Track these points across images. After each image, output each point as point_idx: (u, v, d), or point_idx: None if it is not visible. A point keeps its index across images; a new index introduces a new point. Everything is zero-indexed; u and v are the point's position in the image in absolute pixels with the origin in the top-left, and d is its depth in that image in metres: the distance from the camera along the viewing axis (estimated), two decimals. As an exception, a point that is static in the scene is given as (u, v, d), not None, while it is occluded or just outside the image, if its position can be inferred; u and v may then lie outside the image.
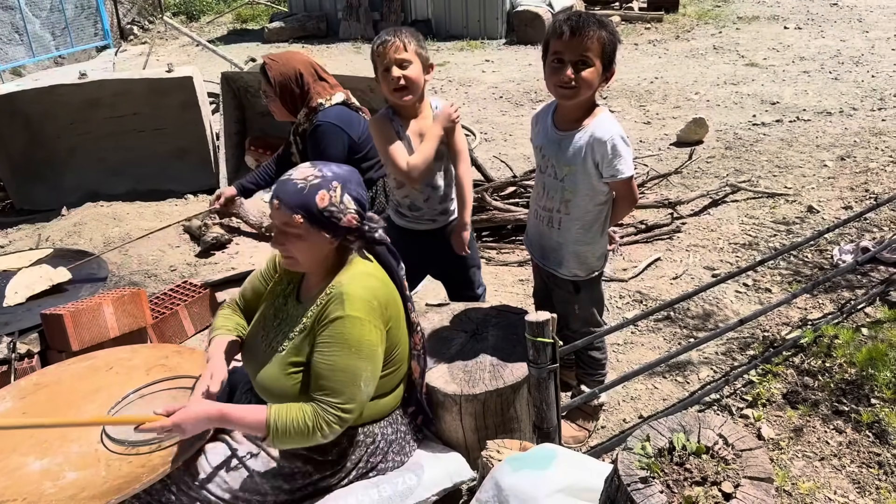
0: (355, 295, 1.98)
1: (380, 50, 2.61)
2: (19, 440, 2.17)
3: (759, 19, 11.83)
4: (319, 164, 2.04)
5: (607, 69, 2.32)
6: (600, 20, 2.28)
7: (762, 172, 5.42)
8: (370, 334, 1.99)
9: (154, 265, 4.30)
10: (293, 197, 1.95)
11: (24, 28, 12.25)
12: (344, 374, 1.96)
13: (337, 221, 1.99)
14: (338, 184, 1.99)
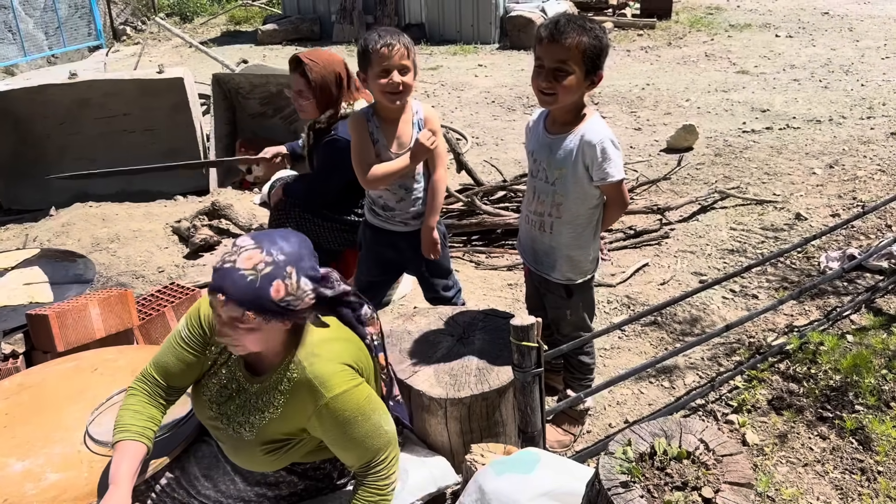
0: (325, 373, 1.84)
1: (383, 52, 2.57)
2: (1, 441, 2.16)
3: (751, 27, 11.90)
4: (266, 244, 1.76)
5: (592, 74, 2.32)
6: (583, 25, 2.26)
7: (751, 179, 5.45)
8: (361, 394, 1.88)
9: (142, 266, 4.29)
10: (243, 292, 1.70)
11: (17, 27, 12.20)
12: (368, 439, 1.88)
13: (294, 309, 1.79)
14: (292, 268, 1.76)
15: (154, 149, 5.75)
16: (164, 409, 2.00)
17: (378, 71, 2.61)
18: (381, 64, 2.59)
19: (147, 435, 1.90)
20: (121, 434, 1.88)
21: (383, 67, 2.59)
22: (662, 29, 12.18)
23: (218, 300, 1.71)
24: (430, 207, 2.83)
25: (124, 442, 1.87)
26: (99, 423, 2.18)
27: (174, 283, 3.54)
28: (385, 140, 2.74)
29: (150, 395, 1.98)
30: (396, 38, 2.60)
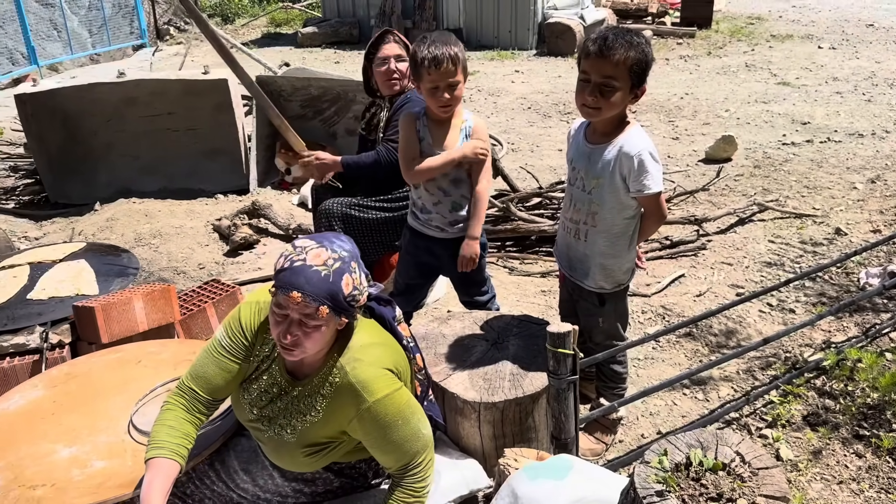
0: (368, 378, 1.88)
1: (431, 71, 2.61)
2: (49, 427, 2.24)
3: (793, 38, 11.75)
4: (326, 242, 1.83)
5: (636, 87, 2.34)
6: (630, 41, 2.27)
7: (790, 192, 5.39)
8: (402, 398, 1.92)
9: (183, 262, 4.38)
10: (320, 287, 1.74)
11: (64, 25, 12.51)
12: (406, 443, 1.92)
13: (355, 305, 1.85)
14: (355, 263, 1.85)
15: (196, 148, 5.87)
16: (201, 422, 2.00)
17: (429, 87, 2.67)
18: (430, 81, 2.65)
19: (181, 453, 1.90)
20: (155, 451, 1.87)
21: (433, 84, 2.65)
22: (702, 38, 12.08)
23: (292, 299, 1.73)
24: (473, 218, 2.84)
25: (157, 459, 1.86)
26: (143, 414, 2.24)
27: (214, 280, 3.62)
28: (430, 140, 2.78)
29: (187, 410, 1.97)
30: (445, 50, 2.61)
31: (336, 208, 3.40)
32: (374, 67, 3.36)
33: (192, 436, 1.96)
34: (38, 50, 11.81)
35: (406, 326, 2.16)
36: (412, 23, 13.18)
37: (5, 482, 2.01)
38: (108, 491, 1.96)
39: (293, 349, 1.82)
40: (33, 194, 5.98)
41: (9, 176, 6.38)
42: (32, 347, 3.16)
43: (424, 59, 2.60)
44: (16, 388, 2.50)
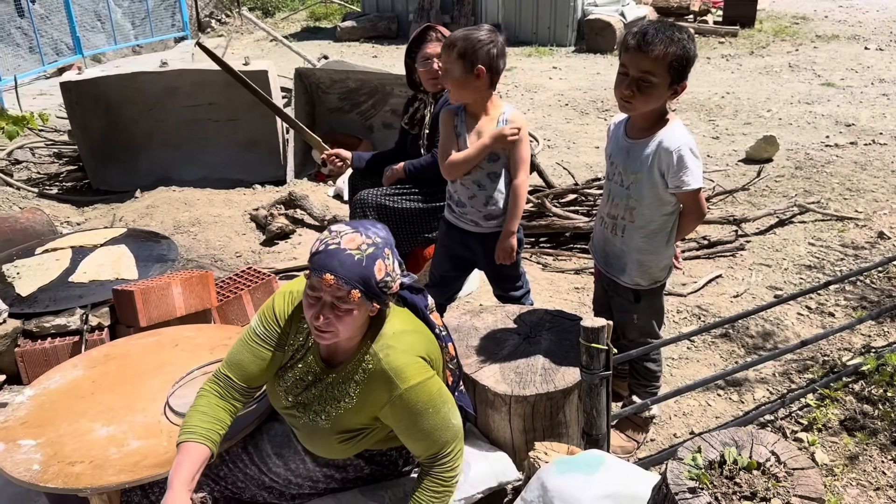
0: (400, 365, 1.89)
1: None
2: (88, 406, 2.29)
3: (839, 38, 11.50)
4: (362, 229, 1.86)
5: (676, 84, 2.31)
6: (671, 36, 2.24)
7: (832, 195, 5.28)
8: (433, 386, 1.93)
9: (220, 250, 4.45)
10: (353, 270, 1.77)
11: (108, 16, 12.74)
12: (437, 431, 1.93)
13: (388, 290, 1.87)
14: (388, 250, 1.87)
15: (236, 138, 5.95)
16: (236, 409, 2.02)
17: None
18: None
19: (212, 438, 1.91)
20: (186, 435, 1.89)
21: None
22: (745, 37, 11.89)
23: (325, 281, 1.76)
24: (511, 213, 2.84)
25: (188, 444, 1.88)
26: (179, 396, 2.28)
27: (251, 268, 3.66)
28: (466, 133, 2.79)
29: (221, 397, 1.99)
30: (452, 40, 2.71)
31: (371, 198, 3.42)
32: (416, 65, 3.37)
33: (226, 422, 1.98)
34: (83, 41, 12.05)
35: (438, 315, 2.16)
36: (450, 18, 13.17)
37: (45, 458, 2.06)
38: (144, 470, 2.00)
39: (325, 332, 1.84)
40: (76, 181, 6.12)
41: (53, 162, 6.53)
42: (73, 329, 3.24)
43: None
44: (56, 368, 2.56)
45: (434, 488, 1.95)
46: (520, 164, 2.80)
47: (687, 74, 2.31)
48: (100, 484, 1.95)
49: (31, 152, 6.69)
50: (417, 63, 3.34)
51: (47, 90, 9.82)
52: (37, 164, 6.55)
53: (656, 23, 2.32)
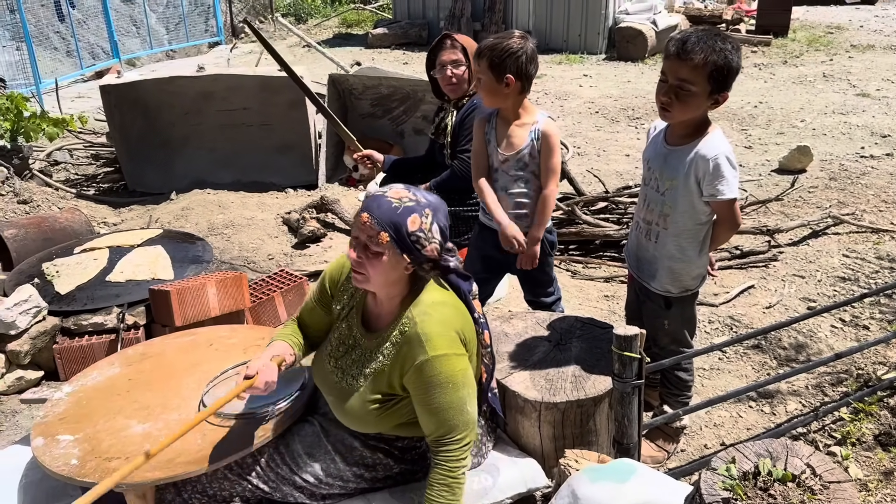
0: (433, 333, 1.94)
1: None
2: (125, 404, 2.33)
3: (875, 48, 11.33)
4: (414, 189, 1.99)
5: (717, 93, 2.29)
6: (713, 45, 2.22)
7: (867, 206, 5.21)
8: (458, 363, 1.96)
9: (253, 252, 4.50)
10: (386, 214, 1.90)
11: (143, 21, 12.98)
12: (450, 410, 1.95)
13: (420, 248, 1.94)
14: (430, 211, 1.95)
15: (269, 143, 6.03)
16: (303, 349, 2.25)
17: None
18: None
19: (296, 342, 2.21)
20: (275, 339, 2.20)
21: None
22: (778, 46, 11.76)
23: (361, 219, 1.92)
24: (538, 220, 2.84)
25: (276, 341, 2.19)
26: (213, 395, 2.31)
27: (283, 270, 3.71)
28: (496, 140, 2.80)
29: (295, 331, 2.27)
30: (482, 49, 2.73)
31: None
32: (433, 73, 3.39)
33: (302, 346, 2.24)
34: (118, 45, 12.29)
35: (479, 303, 2.18)
36: (481, 25, 13.21)
37: (83, 453, 2.10)
38: (178, 467, 2.03)
39: (358, 274, 1.97)
40: (113, 182, 6.23)
41: (91, 164, 6.66)
42: (110, 327, 3.31)
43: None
44: (94, 365, 2.61)
45: (441, 480, 1.96)
46: (550, 174, 2.80)
47: (729, 85, 2.29)
48: (136, 480, 1.98)
49: (70, 154, 6.83)
50: (434, 71, 3.36)
51: (85, 93, 10.02)
52: (75, 165, 6.69)
53: (701, 30, 2.30)
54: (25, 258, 3.85)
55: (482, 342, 2.14)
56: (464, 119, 3.21)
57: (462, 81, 3.27)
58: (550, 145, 2.76)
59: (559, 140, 2.81)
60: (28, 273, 3.58)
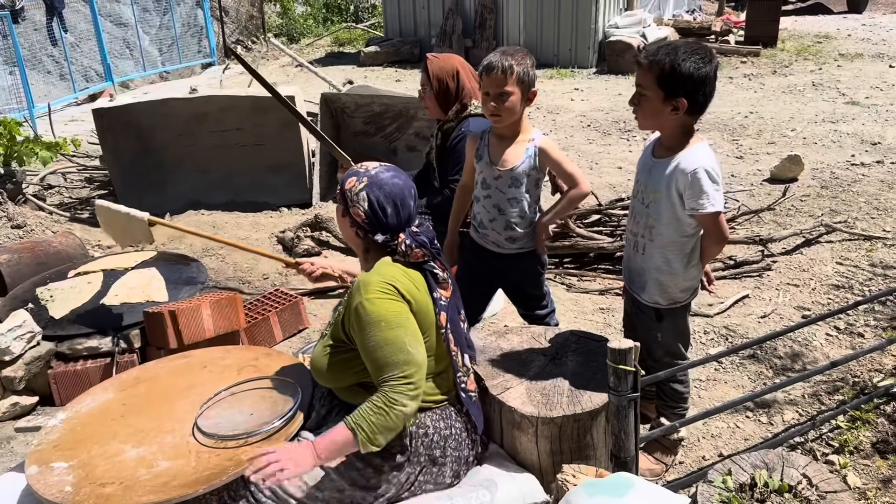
0: (370, 280, 2.13)
1: (483, 76, 2.68)
2: (119, 428, 2.32)
3: (863, 57, 11.42)
4: (381, 165, 2.29)
5: (671, 98, 2.30)
6: (668, 50, 2.27)
7: (859, 214, 5.23)
8: (391, 305, 2.09)
9: (248, 272, 4.50)
10: (346, 174, 2.29)
11: (136, 44, 13.03)
12: (387, 347, 2.06)
13: (349, 205, 2.20)
14: (366, 179, 2.20)
15: (262, 162, 6.03)
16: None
17: (481, 92, 2.73)
18: (483, 85, 2.71)
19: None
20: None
21: (484, 90, 2.70)
22: (767, 56, 11.85)
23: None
24: (553, 211, 2.88)
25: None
26: (207, 417, 2.31)
27: (278, 290, 3.71)
28: (489, 157, 2.80)
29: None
30: (500, 59, 2.64)
31: None
32: None
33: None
34: (112, 68, 12.33)
35: (450, 289, 2.30)
36: (472, 41, 13.29)
37: (77, 479, 2.09)
38: (173, 490, 2.02)
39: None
40: (107, 205, 6.22)
41: (84, 187, 6.66)
42: (104, 351, 3.30)
43: (481, 65, 2.69)
44: (88, 392, 2.61)
45: (376, 404, 2.02)
46: (570, 178, 2.79)
47: (682, 91, 2.28)
48: (131, 504, 1.98)
49: (63, 177, 6.83)
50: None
51: (78, 116, 10.04)
52: (69, 188, 6.68)
53: (678, 40, 2.35)
54: (19, 283, 3.84)
55: (439, 323, 2.23)
56: (454, 147, 3.20)
57: (429, 104, 3.29)
58: (554, 157, 2.77)
59: (559, 150, 2.81)
60: (22, 298, 3.57)
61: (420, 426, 2.23)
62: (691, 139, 2.41)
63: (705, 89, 2.30)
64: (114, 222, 3.40)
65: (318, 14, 18.64)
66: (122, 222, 3.35)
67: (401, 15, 14.41)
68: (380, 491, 2.19)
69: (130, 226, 3.33)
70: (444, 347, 2.25)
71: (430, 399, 2.26)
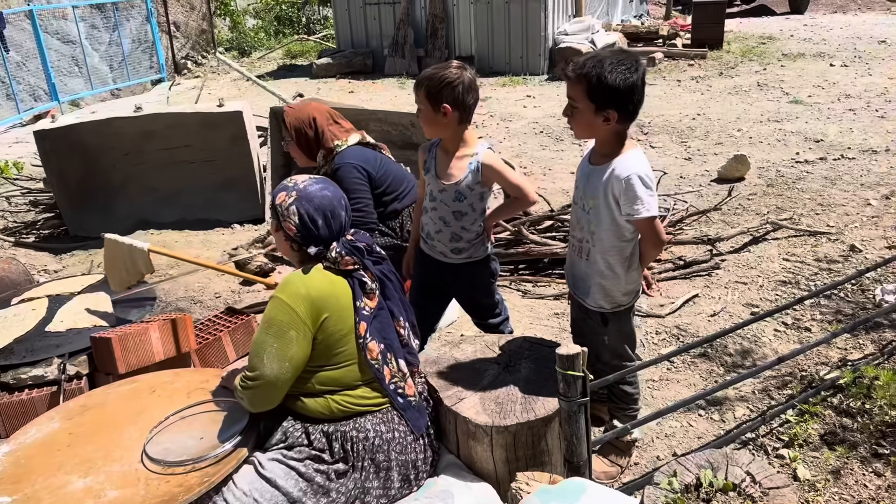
0: (288, 280, 2.22)
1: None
2: (65, 459, 2.27)
3: (805, 56, 11.74)
4: (313, 178, 2.36)
5: (603, 109, 2.34)
6: (594, 62, 2.31)
7: (804, 210, 5.37)
8: (283, 315, 2.16)
9: (200, 292, 4.44)
10: (276, 189, 2.36)
11: (84, 61, 12.78)
12: (254, 346, 2.19)
13: (283, 220, 2.29)
14: (295, 193, 2.29)
15: (212, 179, 5.96)
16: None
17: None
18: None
19: None
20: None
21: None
22: (713, 59, 12.11)
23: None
24: (495, 210, 2.95)
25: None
26: (156, 443, 2.27)
27: (230, 309, 3.65)
28: (435, 171, 2.82)
29: None
30: (421, 76, 2.75)
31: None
32: None
33: None
34: (59, 86, 12.06)
35: (376, 300, 2.34)
36: (424, 51, 13.33)
37: (21, 513, 2.03)
38: (123, 519, 1.98)
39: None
40: (53, 228, 6.09)
41: (29, 210, 6.51)
42: (50, 379, 3.20)
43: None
44: (33, 422, 2.54)
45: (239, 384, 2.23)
46: (515, 189, 2.83)
47: (614, 102, 2.32)
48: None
49: (7, 201, 6.66)
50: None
51: (23, 138, 9.80)
52: (13, 212, 6.52)
53: (605, 50, 2.39)
54: (-40, 313, 3.72)
55: (358, 332, 2.28)
56: (336, 175, 3.23)
57: (296, 155, 3.43)
58: (496, 172, 2.78)
59: (501, 164, 2.82)
60: (-37, 328, 3.46)
61: (360, 430, 2.25)
62: (625, 145, 2.45)
63: (634, 98, 2.34)
64: (117, 258, 3.44)
65: (269, 27, 18.53)
66: (124, 255, 3.42)
67: (352, 26, 14.40)
68: (331, 497, 2.18)
69: (132, 256, 3.39)
70: (364, 357, 2.29)
71: (369, 403, 2.30)
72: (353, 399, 2.28)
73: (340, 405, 2.26)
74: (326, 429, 2.25)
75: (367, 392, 2.31)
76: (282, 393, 2.22)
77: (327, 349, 2.24)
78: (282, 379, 2.17)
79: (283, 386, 2.20)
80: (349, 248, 2.29)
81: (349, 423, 2.25)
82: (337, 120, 3.37)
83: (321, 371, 2.26)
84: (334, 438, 2.23)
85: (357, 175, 3.19)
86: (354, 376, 2.29)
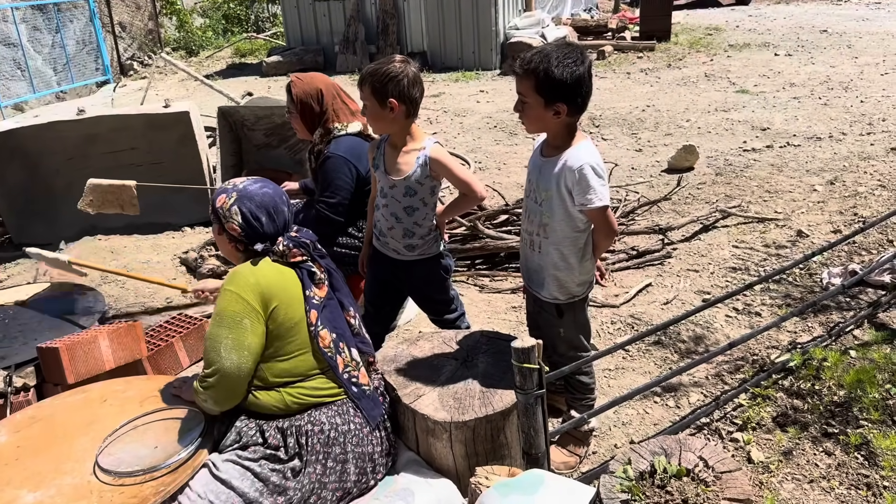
0: (236, 272, 2.25)
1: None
2: (13, 474, 2.20)
3: (750, 47, 12.00)
4: (249, 181, 2.36)
5: (552, 103, 2.36)
6: (544, 58, 2.33)
7: (752, 198, 5.48)
8: (234, 305, 2.17)
9: (150, 297, 4.34)
10: (215, 193, 2.36)
11: (26, 64, 12.41)
12: (208, 342, 2.18)
13: (225, 222, 2.29)
14: (235, 194, 2.30)
15: (161, 181, 5.80)
16: None
17: None
18: None
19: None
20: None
21: None
22: (662, 51, 12.30)
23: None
24: (446, 207, 2.96)
25: None
26: (108, 454, 2.21)
27: (181, 314, 3.59)
28: (384, 167, 2.80)
29: None
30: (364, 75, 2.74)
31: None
32: None
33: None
34: (2, 90, 11.69)
35: (324, 289, 2.36)
36: (376, 48, 13.26)
37: (-32, 533, 1.97)
38: (77, 533, 1.93)
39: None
40: (-4, 237, 5.90)
41: (-31, 219, 6.28)
42: (-4, 392, 3.11)
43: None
44: (-22, 437, 2.45)
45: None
46: (463, 184, 2.83)
47: (562, 95, 2.35)
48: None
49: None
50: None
51: (-38, 144, 9.46)
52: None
53: (548, 45, 2.42)
54: None
55: (309, 320, 2.29)
56: (321, 166, 3.19)
57: (297, 126, 3.33)
58: (443, 166, 2.77)
59: (449, 158, 2.82)
60: None
61: (315, 423, 2.24)
62: (576, 136, 2.47)
63: (582, 90, 2.37)
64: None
65: (217, 26, 18.21)
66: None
67: (302, 23, 14.25)
68: (288, 495, 2.16)
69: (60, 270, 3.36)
70: (316, 344, 2.29)
71: (323, 394, 2.29)
72: (307, 391, 2.27)
73: (295, 398, 2.25)
74: (281, 425, 2.23)
75: (322, 383, 2.30)
76: (244, 384, 2.20)
77: (278, 339, 2.24)
78: (243, 369, 2.17)
79: (246, 376, 2.19)
80: (296, 242, 2.31)
81: (304, 416, 2.24)
82: (344, 99, 3.30)
83: (273, 362, 2.25)
84: (289, 434, 2.21)
85: (345, 172, 3.13)
86: (308, 366, 2.29)
